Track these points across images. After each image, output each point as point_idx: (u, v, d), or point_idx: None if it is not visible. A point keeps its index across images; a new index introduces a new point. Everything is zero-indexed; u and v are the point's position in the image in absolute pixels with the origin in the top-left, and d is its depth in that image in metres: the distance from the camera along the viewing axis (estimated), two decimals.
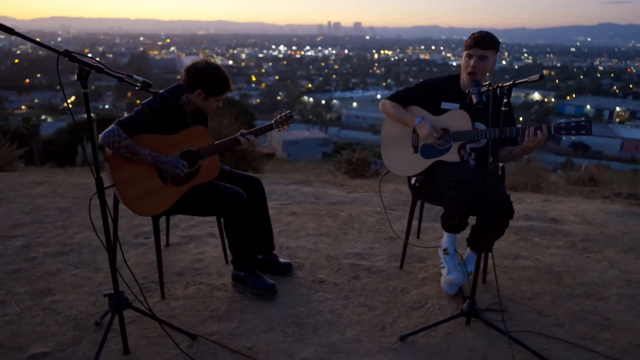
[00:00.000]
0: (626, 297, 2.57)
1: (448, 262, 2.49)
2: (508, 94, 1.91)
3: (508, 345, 2.08)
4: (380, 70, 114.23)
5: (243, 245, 2.42)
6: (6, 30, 1.46)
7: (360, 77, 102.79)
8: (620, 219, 3.92)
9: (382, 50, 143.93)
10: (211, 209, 2.38)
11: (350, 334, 2.17)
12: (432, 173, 2.55)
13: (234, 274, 2.52)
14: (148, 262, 2.88)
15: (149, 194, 2.21)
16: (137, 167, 2.16)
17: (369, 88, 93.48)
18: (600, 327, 2.28)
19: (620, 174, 12.74)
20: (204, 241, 3.21)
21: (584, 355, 2.07)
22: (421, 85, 2.59)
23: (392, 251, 3.07)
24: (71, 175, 5.12)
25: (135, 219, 3.52)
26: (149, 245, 3.11)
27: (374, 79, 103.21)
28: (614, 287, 2.68)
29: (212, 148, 2.38)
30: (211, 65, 2.31)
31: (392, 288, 2.60)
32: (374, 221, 3.64)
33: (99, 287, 2.55)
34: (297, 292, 2.53)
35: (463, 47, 2.49)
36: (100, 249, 3.03)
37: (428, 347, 2.09)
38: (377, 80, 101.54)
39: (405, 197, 4.37)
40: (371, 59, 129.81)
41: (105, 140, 2.03)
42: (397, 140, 2.65)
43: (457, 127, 2.47)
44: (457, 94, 2.51)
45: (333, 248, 3.11)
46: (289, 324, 2.24)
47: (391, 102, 2.60)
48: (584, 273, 2.84)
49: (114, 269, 1.93)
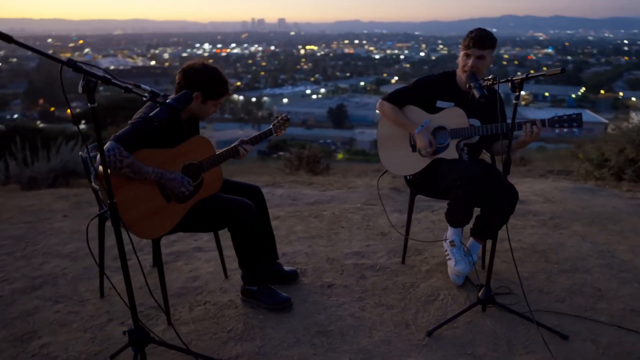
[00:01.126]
0: (605, 267, 2.80)
1: (455, 253, 2.55)
2: (520, 87, 1.97)
3: (525, 326, 2.19)
4: (308, 65, 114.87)
5: (255, 259, 2.29)
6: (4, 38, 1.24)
7: (289, 73, 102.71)
8: (575, 195, 4.28)
9: (307, 46, 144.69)
10: (220, 223, 2.23)
11: (379, 336, 2.15)
12: (431, 170, 2.59)
13: (244, 289, 2.38)
14: (139, 286, 2.64)
15: (153, 215, 2.01)
16: (138, 187, 1.96)
17: (297, 84, 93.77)
18: (595, 298, 2.46)
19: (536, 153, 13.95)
20: (193, 256, 3.01)
21: (590, 326, 2.22)
22: (417, 84, 2.60)
23: (388, 246, 3.09)
24: (10, 197, 4.56)
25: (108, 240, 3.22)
26: (132, 268, 2.85)
27: (302, 75, 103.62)
28: (592, 259, 2.91)
29: (214, 160, 2.22)
30: (209, 66, 2.16)
31: (401, 284, 2.61)
32: (360, 218, 3.65)
33: (92, 322, 2.30)
34: (310, 300, 2.46)
35: (461, 45, 2.48)
36: (79, 278, 2.74)
37: (455, 339, 2.13)
38: (305, 76, 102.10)
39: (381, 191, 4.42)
40: (298, 54, 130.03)
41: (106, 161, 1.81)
42: (394, 140, 2.66)
43: (454, 124, 2.53)
44: (453, 92, 2.56)
45: (330, 249, 3.06)
46: (314, 334, 2.17)
47: (389, 103, 2.59)
48: (563, 249, 3.06)
49: (133, 303, 1.74)
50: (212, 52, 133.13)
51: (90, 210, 3.98)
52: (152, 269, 2.84)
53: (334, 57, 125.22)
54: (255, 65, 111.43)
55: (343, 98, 76.78)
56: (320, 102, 76.58)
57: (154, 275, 2.72)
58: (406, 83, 2.79)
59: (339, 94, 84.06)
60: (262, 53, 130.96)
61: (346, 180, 5.22)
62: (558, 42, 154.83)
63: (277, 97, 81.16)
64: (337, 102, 71.51)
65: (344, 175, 7.01)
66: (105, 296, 2.54)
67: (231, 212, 2.19)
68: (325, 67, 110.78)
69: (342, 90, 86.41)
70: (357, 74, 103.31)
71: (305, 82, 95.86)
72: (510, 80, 2.00)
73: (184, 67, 2.16)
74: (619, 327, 2.19)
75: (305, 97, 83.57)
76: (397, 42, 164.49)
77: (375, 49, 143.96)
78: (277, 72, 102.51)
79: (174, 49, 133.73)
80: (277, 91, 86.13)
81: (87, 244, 2.00)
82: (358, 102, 73.68)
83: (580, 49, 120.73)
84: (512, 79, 2.00)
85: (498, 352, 2.04)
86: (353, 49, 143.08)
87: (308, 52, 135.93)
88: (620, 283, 2.61)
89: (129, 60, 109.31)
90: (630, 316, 2.30)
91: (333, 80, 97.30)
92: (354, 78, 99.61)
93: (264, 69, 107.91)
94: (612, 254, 2.96)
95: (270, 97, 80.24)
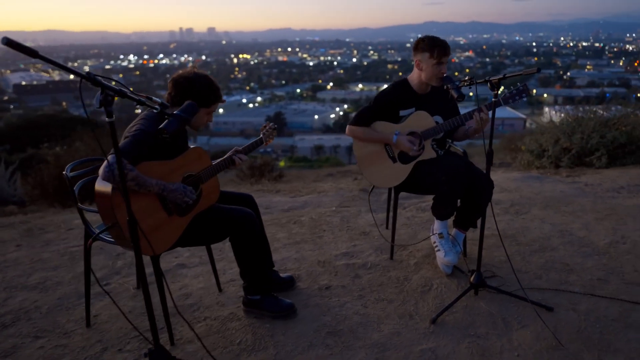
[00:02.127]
0: (568, 244, 3.10)
1: (444, 245, 2.70)
2: (497, 86, 2.16)
3: (514, 304, 2.38)
4: (242, 74, 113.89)
5: (258, 268, 2.29)
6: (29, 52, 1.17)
7: (223, 82, 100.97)
8: (526, 183, 4.67)
9: (240, 55, 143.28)
10: (222, 234, 2.19)
11: (387, 329, 2.23)
12: (413, 173, 2.72)
13: (246, 299, 2.36)
14: (128, 310, 2.52)
15: (156, 230, 1.94)
16: (140, 201, 1.88)
17: (233, 93, 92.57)
18: (566, 272, 2.73)
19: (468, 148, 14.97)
20: (178, 274, 2.92)
21: (568, 297, 2.46)
22: (377, 101, 2.69)
23: (374, 245, 3.20)
24: None
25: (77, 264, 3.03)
26: (115, 292, 2.71)
27: (236, 84, 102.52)
28: (555, 238, 3.21)
29: (211, 170, 2.19)
30: (200, 74, 2.13)
31: (395, 278, 2.72)
32: (339, 220, 3.73)
33: (85, 353, 2.16)
34: (311, 303, 2.49)
35: (417, 51, 2.59)
36: (55, 310, 2.55)
37: (457, 323, 2.26)
38: (240, 85, 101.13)
39: (350, 192, 4.54)
40: (231, 63, 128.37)
41: (108, 175, 1.72)
42: (373, 158, 2.75)
43: (423, 127, 2.68)
44: (410, 98, 2.69)
45: (318, 253, 3.11)
46: (325, 336, 2.20)
47: (358, 127, 2.69)
48: (529, 231, 3.34)
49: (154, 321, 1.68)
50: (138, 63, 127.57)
51: (47, 236, 3.70)
52: (135, 291, 2.72)
53: (268, 65, 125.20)
54: None
55: (280, 106, 76.93)
56: (258, 110, 76.19)
57: (139, 298, 2.61)
58: (342, 88, 2.91)
59: (275, 101, 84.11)
60: (193, 63, 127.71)
61: (313, 185, 5.28)
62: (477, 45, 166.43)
63: None
64: (274, 109, 71.47)
65: (297, 181, 7.07)
66: (92, 325, 2.39)
67: (234, 222, 2.17)
68: (260, 75, 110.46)
69: (279, 98, 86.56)
70: (293, 81, 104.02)
71: (241, 91, 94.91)
72: (489, 80, 2.19)
73: (174, 76, 2.12)
74: (591, 295, 2.45)
75: (241, 106, 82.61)
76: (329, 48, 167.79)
77: (308, 56, 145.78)
78: None
79: (95, 61, 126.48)
80: None
81: (89, 268, 1.88)
82: (296, 109, 74.18)
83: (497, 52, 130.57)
84: (490, 80, 2.18)
85: (497, 329, 2.20)
86: (287, 56, 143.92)
87: (241, 60, 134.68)
88: (584, 257, 2.91)
89: (43, 75, 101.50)
90: (599, 284, 2.58)
91: (269, 88, 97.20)
92: (290, 85, 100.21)
93: None
94: (570, 232, 3.28)
95: None
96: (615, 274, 2.67)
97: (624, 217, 3.51)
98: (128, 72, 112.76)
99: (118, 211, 1.79)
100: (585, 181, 4.55)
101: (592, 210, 3.69)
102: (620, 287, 2.53)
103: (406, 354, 2.05)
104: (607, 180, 4.55)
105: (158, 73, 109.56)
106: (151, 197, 1.93)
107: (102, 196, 1.80)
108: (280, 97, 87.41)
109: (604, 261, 2.83)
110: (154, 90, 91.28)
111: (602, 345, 2.06)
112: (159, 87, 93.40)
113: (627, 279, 2.62)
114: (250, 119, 67.71)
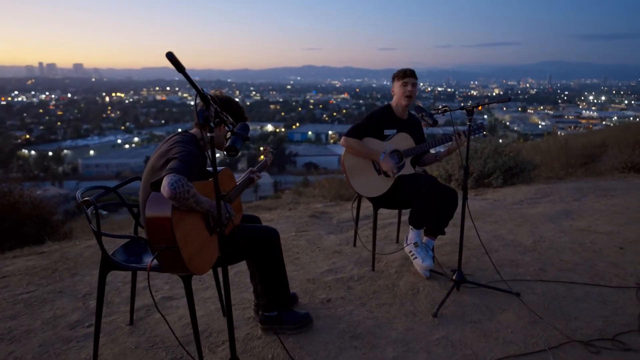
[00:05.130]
0: (504, 246, 3.73)
1: (420, 252, 3.08)
2: (471, 113, 2.67)
3: (490, 294, 2.83)
4: (116, 113, 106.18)
5: (280, 283, 2.36)
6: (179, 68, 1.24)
7: (94, 122, 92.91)
8: None
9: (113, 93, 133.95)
10: (249, 250, 2.24)
11: (400, 327, 2.48)
12: (393, 186, 3.10)
13: (264, 317, 2.40)
14: (134, 346, 2.35)
15: (202, 249, 1.94)
16: (191, 220, 1.88)
17: (106, 133, 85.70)
18: (514, 267, 3.29)
19: None
20: (168, 306, 2.79)
21: (525, 284, 2.99)
22: (368, 119, 3.12)
23: (352, 260, 3.44)
24: None
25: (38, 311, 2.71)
26: (108, 331, 2.50)
27: (110, 123, 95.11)
28: (493, 242, 3.82)
29: (238, 189, 2.26)
30: (226, 95, 2.24)
31: (385, 286, 2.99)
32: (305, 243, 3.89)
33: None
34: (321, 315, 2.62)
35: (392, 82, 3.15)
36: (42, 357, 2.26)
37: (453, 314, 2.61)
38: (114, 125, 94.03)
39: (301, 219, 4.73)
40: (102, 102, 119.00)
41: (176, 192, 1.72)
42: (360, 169, 3.10)
43: (404, 146, 3.13)
44: (393, 120, 3.15)
45: (303, 272, 3.24)
46: (350, 339, 2.36)
47: (352, 138, 3.05)
48: (471, 239, 3.90)
49: (232, 333, 1.69)
50: None
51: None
52: (129, 327, 2.54)
53: (145, 104, 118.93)
54: (49, 115, 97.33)
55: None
56: (135, 151, 71.44)
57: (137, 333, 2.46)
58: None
59: (155, 141, 79.79)
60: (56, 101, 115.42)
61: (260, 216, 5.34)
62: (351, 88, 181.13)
63: (82, 149, 72.43)
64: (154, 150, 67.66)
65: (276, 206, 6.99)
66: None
67: (261, 240, 2.24)
68: (137, 114, 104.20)
69: (159, 138, 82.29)
70: (174, 121, 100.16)
71: (115, 131, 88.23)
72: (464, 107, 2.68)
73: (210, 93, 2.18)
74: (541, 280, 3.03)
75: (116, 147, 76.71)
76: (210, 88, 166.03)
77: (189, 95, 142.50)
78: (79, 122, 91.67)
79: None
80: (81, 142, 76.93)
81: (102, 300, 1.72)
82: None
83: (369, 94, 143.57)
84: (464, 107, 2.68)
85: (486, 315, 2.60)
86: (165, 95, 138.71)
87: (115, 99, 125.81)
88: (521, 254, 3.54)
89: None
90: (541, 273, 3.18)
91: (147, 127, 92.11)
92: (170, 125, 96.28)
93: (61, 118, 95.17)
94: (502, 237, 3.95)
95: (73, 150, 71.13)
96: (549, 264, 3.32)
97: (535, 223, 4.33)
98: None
99: (178, 230, 1.78)
100: (492, 198, 5.45)
101: (509, 219, 4.47)
102: (556, 273, 3.16)
103: (427, 343, 2.32)
104: (507, 196, 5.51)
105: (12, 112, 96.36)
106: (197, 217, 1.94)
107: (157, 219, 1.77)
108: (160, 137, 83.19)
109: (536, 256, 3.49)
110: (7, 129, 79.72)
111: (564, 315, 2.59)
112: (13, 128, 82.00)
113: (558, 266, 3.28)
114: (128, 160, 63.09)
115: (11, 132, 77.70)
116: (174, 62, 1.25)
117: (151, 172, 1.99)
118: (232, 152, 1.74)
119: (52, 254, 3.75)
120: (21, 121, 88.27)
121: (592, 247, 3.68)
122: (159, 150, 2.03)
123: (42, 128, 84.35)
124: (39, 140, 75.28)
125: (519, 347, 2.28)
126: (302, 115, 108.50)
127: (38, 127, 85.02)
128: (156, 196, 1.80)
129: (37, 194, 5.05)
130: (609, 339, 2.35)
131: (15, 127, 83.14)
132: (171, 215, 1.76)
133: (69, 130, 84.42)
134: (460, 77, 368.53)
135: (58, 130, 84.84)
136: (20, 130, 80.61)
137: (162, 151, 2.00)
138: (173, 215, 1.77)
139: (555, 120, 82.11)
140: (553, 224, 4.32)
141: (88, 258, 3.62)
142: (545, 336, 2.37)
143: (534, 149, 9.42)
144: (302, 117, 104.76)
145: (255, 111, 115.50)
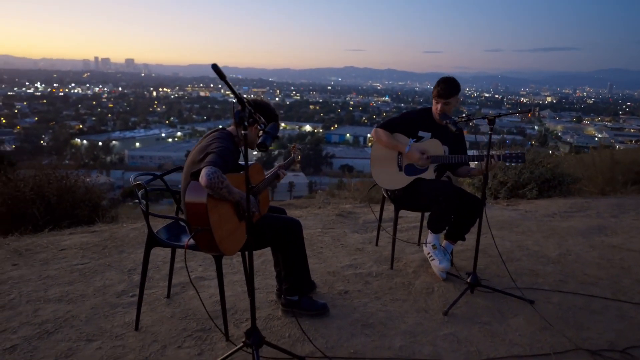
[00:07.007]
0: (527, 256, 3.77)
1: (437, 254, 3.20)
2: (493, 122, 2.77)
3: (504, 299, 2.92)
4: (161, 108, 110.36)
5: (301, 270, 2.58)
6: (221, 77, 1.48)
7: (141, 115, 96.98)
8: None
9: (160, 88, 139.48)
10: (274, 237, 2.47)
11: (411, 321, 2.63)
12: (412, 188, 3.23)
13: (285, 300, 2.62)
14: (169, 315, 2.64)
15: (232, 233, 2.19)
16: (223, 207, 2.14)
17: (151, 127, 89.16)
18: (534, 276, 3.34)
19: None
20: (200, 285, 3.06)
21: (541, 293, 3.04)
22: (404, 116, 3.26)
23: (372, 258, 3.61)
24: None
25: (90, 280, 3.05)
26: (148, 301, 2.79)
27: (155, 117, 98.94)
28: (516, 251, 3.87)
29: (265, 183, 2.49)
30: (261, 99, 2.48)
31: (401, 283, 3.14)
32: (330, 240, 4.09)
33: (146, 351, 2.26)
34: (337, 304, 2.81)
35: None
36: (94, 318, 2.58)
37: (464, 314, 2.73)
38: (159, 119, 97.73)
39: (328, 217, 4.93)
40: (150, 96, 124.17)
41: (211, 182, 1.97)
42: (384, 160, 3.26)
43: (433, 152, 3.24)
44: (430, 124, 3.25)
45: (325, 265, 3.44)
46: (361, 327, 2.53)
47: (383, 130, 3.20)
48: (494, 247, 3.98)
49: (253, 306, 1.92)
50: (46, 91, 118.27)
51: (40, 256, 3.58)
52: (167, 300, 2.83)
53: (189, 100, 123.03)
54: (101, 107, 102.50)
55: None
56: (177, 145, 73.92)
57: (174, 305, 2.74)
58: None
59: (196, 137, 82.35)
60: (108, 94, 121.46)
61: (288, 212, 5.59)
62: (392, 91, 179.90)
63: (129, 140, 75.75)
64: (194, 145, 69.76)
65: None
66: (140, 329, 2.48)
67: (286, 229, 2.47)
68: (181, 109, 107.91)
69: (200, 134, 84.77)
70: (215, 117, 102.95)
71: (160, 125, 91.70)
72: (485, 117, 2.79)
73: (248, 100, 2.42)
74: (559, 291, 3.08)
75: (160, 140, 79.73)
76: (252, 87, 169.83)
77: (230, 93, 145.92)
78: (128, 115, 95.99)
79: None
80: (128, 134, 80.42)
81: (146, 272, 1.96)
82: None
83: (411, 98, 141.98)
84: (486, 117, 2.79)
85: (496, 318, 2.70)
86: (209, 92, 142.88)
87: (161, 94, 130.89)
88: (543, 265, 3.59)
89: None
90: (561, 284, 3.22)
91: (190, 123, 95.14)
92: (212, 121, 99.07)
93: (112, 111, 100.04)
94: (526, 247, 3.99)
95: (121, 141, 74.50)
96: (571, 276, 3.36)
97: (564, 236, 4.33)
98: (34, 99, 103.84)
99: (212, 214, 2.03)
100: (524, 209, 5.44)
101: (537, 231, 4.48)
102: (577, 285, 3.20)
103: (434, 338, 2.46)
104: (540, 208, 5.48)
105: (69, 103, 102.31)
106: (228, 205, 2.18)
107: (195, 204, 2.03)
108: (202, 132, 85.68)
109: (559, 268, 3.52)
110: (63, 119, 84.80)
111: (577, 325, 2.65)
112: (68, 118, 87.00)
113: (580, 280, 3.31)
114: (170, 153, 65.42)
115: (67, 122, 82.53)
116: (217, 72, 1.49)
117: (192, 164, 2.25)
118: (263, 148, 1.96)
119: (102, 233, 4.15)
120: (76, 112, 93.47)
121: (621, 263, 3.66)
122: (199, 145, 2.29)
123: (94, 119, 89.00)
124: (91, 131, 79.44)
125: (523, 349, 2.38)
126: (341, 116, 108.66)
127: (91, 118, 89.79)
128: (195, 184, 2.05)
129: (88, 179, 5.51)
130: (618, 350, 2.39)
131: (71, 117, 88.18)
132: (206, 201, 2.01)
133: (118, 122, 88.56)
134: (509, 83, 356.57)
135: (108, 121, 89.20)
136: (75, 121, 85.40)
137: (202, 145, 2.25)
138: (208, 202, 2.02)
139: (614, 133, 77.01)
140: (583, 238, 4.29)
141: (133, 239, 3.98)
142: (552, 342, 2.45)
143: (578, 161, 9.15)
144: (341, 119, 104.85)
145: (295, 111, 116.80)
